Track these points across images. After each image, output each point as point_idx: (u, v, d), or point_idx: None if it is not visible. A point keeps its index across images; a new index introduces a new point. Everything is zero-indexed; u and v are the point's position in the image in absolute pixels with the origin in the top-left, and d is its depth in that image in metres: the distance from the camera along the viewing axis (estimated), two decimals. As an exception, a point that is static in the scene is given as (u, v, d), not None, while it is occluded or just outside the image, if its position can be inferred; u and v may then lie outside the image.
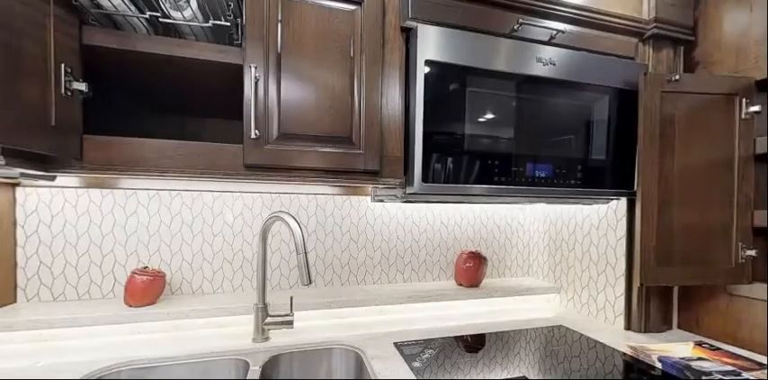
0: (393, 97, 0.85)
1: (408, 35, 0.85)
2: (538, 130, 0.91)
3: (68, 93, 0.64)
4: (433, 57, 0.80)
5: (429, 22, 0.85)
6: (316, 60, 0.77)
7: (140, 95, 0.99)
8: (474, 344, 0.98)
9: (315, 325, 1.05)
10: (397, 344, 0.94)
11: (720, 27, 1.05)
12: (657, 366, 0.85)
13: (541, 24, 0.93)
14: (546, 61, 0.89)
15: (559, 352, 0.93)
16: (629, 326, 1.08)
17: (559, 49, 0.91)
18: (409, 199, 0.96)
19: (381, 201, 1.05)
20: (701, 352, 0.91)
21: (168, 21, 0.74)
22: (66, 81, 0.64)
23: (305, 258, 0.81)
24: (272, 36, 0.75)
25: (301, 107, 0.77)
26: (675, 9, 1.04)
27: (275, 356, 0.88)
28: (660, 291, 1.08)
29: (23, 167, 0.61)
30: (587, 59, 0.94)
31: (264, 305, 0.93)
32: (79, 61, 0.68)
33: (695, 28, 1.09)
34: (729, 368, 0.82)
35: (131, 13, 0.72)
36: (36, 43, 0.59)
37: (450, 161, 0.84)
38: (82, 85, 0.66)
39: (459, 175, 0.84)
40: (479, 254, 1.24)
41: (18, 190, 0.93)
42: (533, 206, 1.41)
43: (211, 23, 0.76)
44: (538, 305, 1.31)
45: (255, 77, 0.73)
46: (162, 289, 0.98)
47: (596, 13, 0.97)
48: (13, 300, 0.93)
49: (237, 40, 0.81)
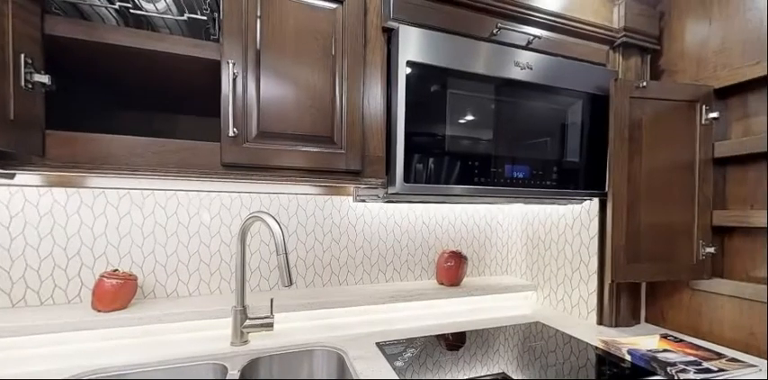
0: (375, 97, 0.85)
1: (390, 36, 0.86)
2: (515, 132, 0.93)
3: (29, 85, 0.60)
4: (414, 58, 0.81)
5: (410, 23, 0.85)
6: (296, 58, 0.77)
7: (110, 90, 0.94)
8: (455, 342, 1.00)
9: (296, 327, 1.03)
10: (379, 344, 0.94)
11: (683, 38, 1.11)
12: (627, 358, 0.89)
13: (519, 29, 0.95)
14: (523, 65, 0.92)
15: (537, 348, 0.96)
16: (601, 321, 1.13)
17: (536, 54, 0.94)
18: (391, 199, 0.96)
19: (363, 201, 1.05)
20: (666, 344, 0.96)
21: (140, 12, 0.71)
22: (27, 73, 0.60)
23: (285, 259, 0.80)
24: (251, 32, 0.73)
25: (281, 105, 0.76)
26: (643, 19, 1.10)
27: (254, 359, 0.86)
28: (629, 287, 1.13)
29: (-22, 164, 0.57)
30: (562, 65, 0.98)
31: (243, 308, 0.91)
32: (41, 52, 0.64)
33: (661, 38, 1.15)
34: (692, 359, 0.87)
35: (99, 3, 0.69)
36: (-9, 31, 0.55)
37: (432, 162, 0.85)
38: (44, 78, 0.62)
39: (440, 175, 0.86)
40: (460, 253, 1.26)
41: (-28, 189, 0.87)
42: (511, 206, 1.45)
43: (186, 17, 0.74)
44: (516, 303, 1.35)
45: (234, 74, 0.71)
46: (133, 293, 0.94)
47: (571, 20, 1.01)
48: (-35, 308, 0.87)
49: (214, 34, 0.79)
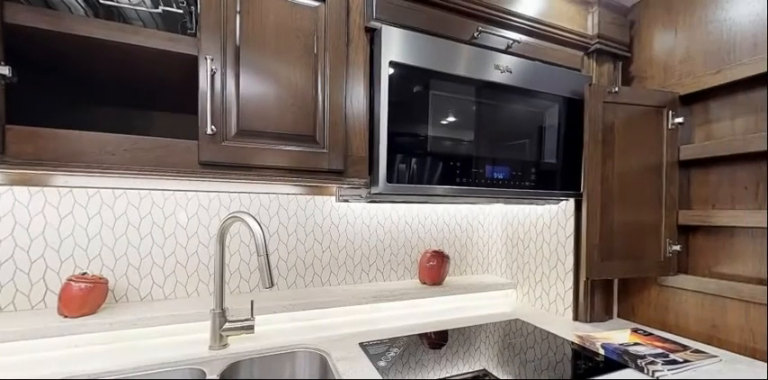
0: (358, 97, 0.85)
1: (373, 35, 0.86)
2: (496, 133, 0.95)
3: (-14, 77, 0.57)
4: (397, 58, 0.82)
5: (393, 23, 0.86)
6: (278, 55, 0.75)
7: (79, 85, 0.90)
8: (437, 340, 1.01)
9: (278, 329, 1.02)
10: (362, 344, 0.93)
11: (651, 46, 1.18)
12: (601, 352, 0.93)
13: (499, 33, 0.98)
14: (503, 69, 0.94)
15: (516, 344, 0.98)
16: (576, 317, 1.17)
17: (515, 57, 0.97)
18: (374, 199, 0.96)
19: (346, 201, 1.05)
20: (636, 338, 1.01)
21: (111, 3, 0.68)
22: (-17, 63, 0.56)
23: (266, 260, 0.78)
24: (231, 27, 0.72)
25: (262, 103, 0.75)
26: (615, 27, 1.15)
27: (234, 363, 0.83)
28: (602, 284, 1.18)
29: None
30: (540, 69, 1.01)
31: (222, 310, 0.88)
32: (0, 42, 0.61)
33: (631, 45, 1.21)
34: (659, 351, 0.92)
35: (65, -8, 0.66)
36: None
37: (415, 162, 0.85)
38: (4, 69, 0.59)
39: (422, 175, 0.86)
40: (442, 253, 1.28)
41: None
42: (492, 206, 1.48)
43: (162, 10, 0.71)
44: (496, 301, 1.37)
45: (212, 70, 0.69)
46: (103, 297, 0.90)
47: (548, 26, 1.05)
48: None
49: (191, 29, 0.77)
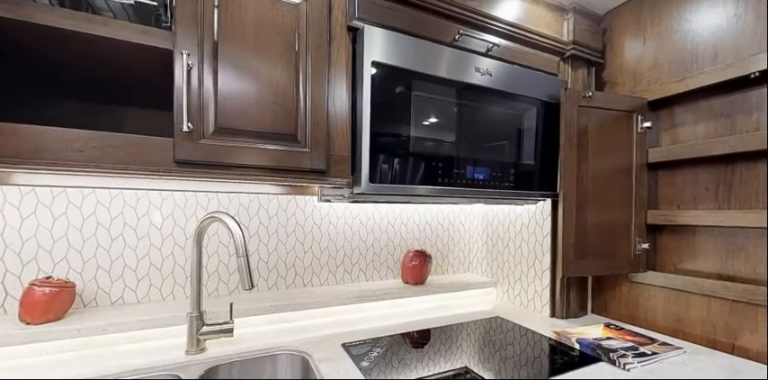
0: (340, 96, 0.84)
1: (355, 35, 0.86)
2: (476, 135, 0.97)
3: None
4: (379, 58, 0.82)
5: (375, 23, 0.86)
6: (257, 52, 0.74)
7: (43, 78, 0.85)
8: (420, 339, 1.01)
9: (258, 331, 0.99)
10: (344, 345, 0.93)
11: (622, 54, 1.23)
12: (576, 347, 0.96)
13: (479, 37, 1.00)
14: (483, 71, 0.96)
15: (496, 341, 1.01)
16: (553, 313, 1.21)
17: (495, 61, 1.00)
18: (357, 199, 0.96)
19: (328, 201, 1.04)
20: (609, 332, 1.05)
21: (78, -8, 0.65)
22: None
23: (246, 261, 0.77)
24: (208, 22, 0.70)
25: (241, 100, 0.73)
26: (589, 34, 1.20)
27: (212, 367, 0.81)
28: (577, 281, 1.22)
29: None
30: (519, 73, 1.04)
31: (200, 313, 0.85)
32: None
33: (604, 52, 1.27)
34: (630, 344, 0.96)
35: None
36: None
37: (397, 162, 0.86)
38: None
39: (405, 175, 0.87)
40: (424, 252, 1.29)
41: None
42: (473, 206, 1.51)
43: (134, 1, 0.69)
44: (477, 299, 1.40)
45: (188, 65, 0.67)
46: (70, 302, 0.85)
47: (526, 30, 1.08)
48: None
49: (166, 22, 0.74)
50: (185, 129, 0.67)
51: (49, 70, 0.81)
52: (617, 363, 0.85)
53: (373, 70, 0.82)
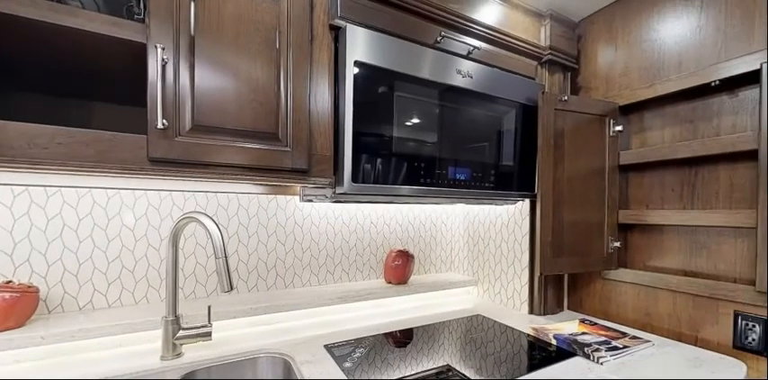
0: (322, 95, 0.84)
1: (337, 34, 0.86)
2: (458, 136, 0.99)
3: None
4: (362, 58, 0.82)
5: (358, 23, 0.86)
6: (237, 48, 0.73)
7: (7, 70, 0.80)
8: (403, 339, 1.02)
9: (238, 334, 0.97)
10: (327, 346, 0.92)
11: (596, 60, 1.29)
12: (553, 342, 0.99)
13: (460, 39, 1.02)
14: (464, 74, 0.98)
15: (477, 339, 1.02)
16: (531, 310, 1.24)
17: (476, 63, 1.02)
18: (339, 199, 0.95)
19: (310, 200, 1.03)
20: (584, 328, 1.09)
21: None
22: None
23: (225, 263, 0.75)
24: (184, 15, 0.68)
25: (220, 97, 0.71)
26: (565, 40, 1.25)
27: (190, 373, 0.79)
28: (554, 279, 1.26)
29: None
30: (498, 76, 1.06)
31: (176, 317, 0.82)
32: None
33: (579, 58, 1.32)
34: (603, 339, 1.00)
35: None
36: None
37: (380, 162, 0.86)
38: None
39: (387, 176, 0.87)
40: (407, 252, 1.30)
41: None
42: (454, 206, 1.53)
43: (104, -9, 0.66)
44: (459, 298, 1.42)
45: (163, 60, 0.65)
46: (33, 308, 0.80)
47: (505, 34, 1.11)
48: None
49: (139, 14, 0.71)
50: (160, 126, 0.65)
51: (10, 61, 0.76)
52: (591, 357, 0.89)
53: (356, 70, 0.82)
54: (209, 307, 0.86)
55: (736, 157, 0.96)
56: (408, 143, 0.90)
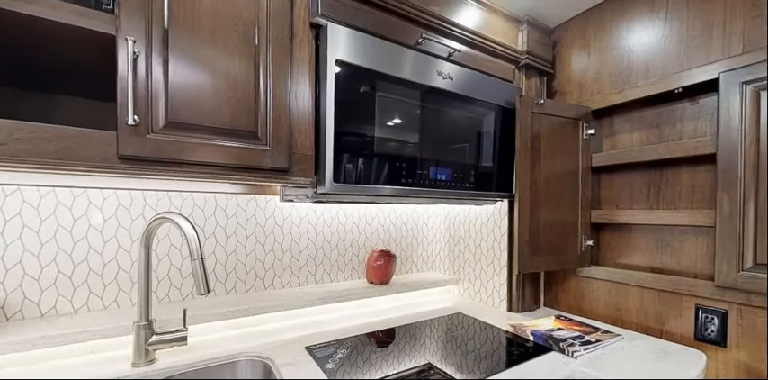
0: (303, 93, 0.83)
1: (318, 32, 0.85)
2: (439, 137, 1.00)
3: None
4: (343, 57, 0.82)
5: (339, 22, 0.86)
6: (214, 43, 0.71)
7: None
8: (385, 338, 1.02)
9: (216, 338, 0.94)
10: (308, 348, 0.91)
11: (570, 65, 1.34)
12: (530, 338, 1.02)
13: (441, 42, 1.04)
14: (445, 75, 1.00)
15: (458, 337, 1.04)
16: (510, 308, 1.27)
17: (456, 66, 1.03)
18: (320, 199, 0.94)
19: (291, 200, 1.01)
20: (559, 324, 1.13)
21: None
22: None
23: (201, 265, 0.72)
24: (157, 7, 0.65)
25: (195, 93, 0.69)
26: (541, 46, 1.29)
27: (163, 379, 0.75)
28: (532, 277, 1.30)
29: None
30: (478, 78, 1.09)
31: (148, 322, 0.79)
32: None
33: (554, 63, 1.37)
34: (577, 334, 1.04)
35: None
36: None
37: (361, 162, 0.86)
38: None
39: (369, 176, 0.87)
40: (389, 252, 1.30)
41: None
42: (435, 206, 1.55)
43: (69, -20, 0.62)
44: (440, 296, 1.43)
45: (134, 53, 0.62)
46: (-12, 316, 0.75)
47: (484, 38, 1.13)
48: None
49: (108, 5, 0.68)
50: (131, 122, 0.62)
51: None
52: (566, 351, 0.92)
53: (337, 69, 0.81)
54: (184, 310, 0.83)
55: (698, 160, 1.02)
56: (390, 143, 0.91)
